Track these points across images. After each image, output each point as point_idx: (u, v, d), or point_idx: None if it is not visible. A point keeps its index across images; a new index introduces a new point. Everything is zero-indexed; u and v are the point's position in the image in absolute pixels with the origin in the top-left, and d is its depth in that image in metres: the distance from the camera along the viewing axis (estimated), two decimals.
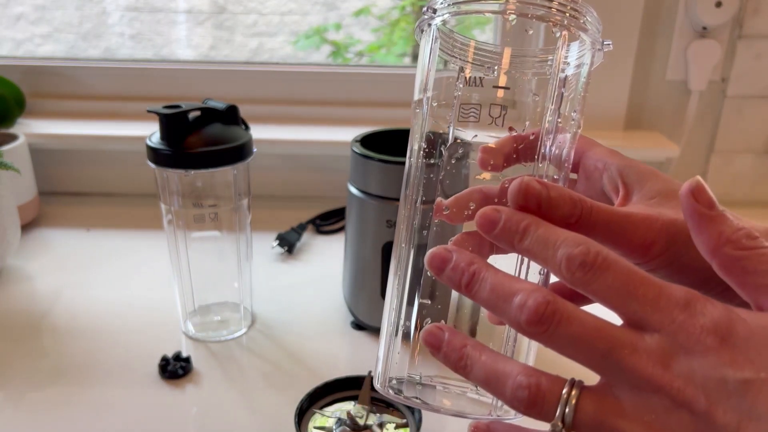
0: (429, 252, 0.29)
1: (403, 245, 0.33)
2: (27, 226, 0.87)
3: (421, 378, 0.33)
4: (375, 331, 0.65)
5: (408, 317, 0.33)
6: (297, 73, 1.01)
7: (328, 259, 0.81)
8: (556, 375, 0.26)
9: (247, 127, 0.62)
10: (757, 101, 0.94)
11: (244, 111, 0.62)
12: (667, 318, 0.24)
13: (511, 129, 0.32)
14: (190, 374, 0.58)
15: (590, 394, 0.26)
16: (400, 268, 0.33)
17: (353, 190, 0.62)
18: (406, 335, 0.33)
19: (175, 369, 0.57)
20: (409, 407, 0.50)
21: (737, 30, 0.90)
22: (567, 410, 0.25)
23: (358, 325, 0.66)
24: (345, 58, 1.20)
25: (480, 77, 0.31)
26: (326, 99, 1.01)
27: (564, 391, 0.26)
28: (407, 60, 1.22)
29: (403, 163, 0.59)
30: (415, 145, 0.33)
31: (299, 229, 0.86)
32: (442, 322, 0.31)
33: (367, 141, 0.64)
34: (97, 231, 0.88)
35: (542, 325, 0.25)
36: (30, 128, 0.94)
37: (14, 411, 0.53)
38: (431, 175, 0.33)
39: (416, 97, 0.33)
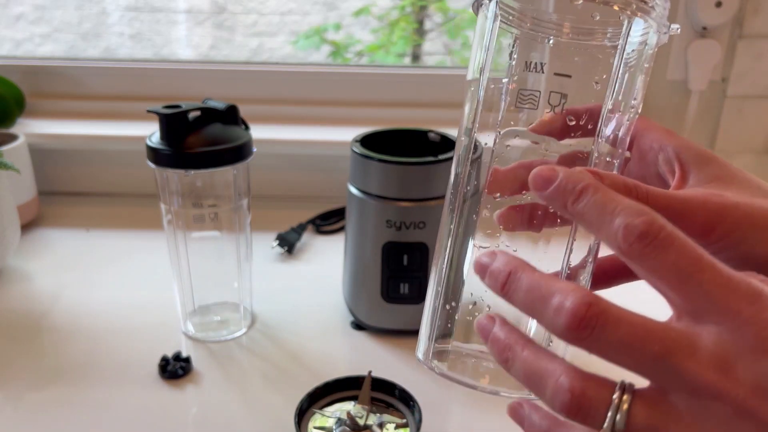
0: (476, 259, 0.28)
1: (451, 226, 0.32)
2: (27, 226, 0.87)
3: (458, 347, 0.32)
4: (375, 331, 0.65)
5: (453, 298, 0.33)
6: (297, 73, 1.01)
7: (328, 259, 0.80)
8: (603, 377, 0.24)
9: (247, 127, 0.62)
10: (757, 101, 0.94)
11: (244, 111, 0.61)
12: (732, 310, 0.22)
13: (568, 117, 0.31)
14: (190, 374, 0.58)
15: (643, 400, 0.23)
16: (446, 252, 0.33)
17: (353, 190, 0.62)
18: (449, 315, 0.33)
19: (175, 369, 0.57)
20: (409, 407, 0.50)
21: (737, 30, 0.90)
22: (618, 418, 0.23)
23: (358, 325, 0.66)
24: (345, 58, 1.20)
25: (541, 63, 0.30)
26: (326, 99, 1.01)
27: (614, 396, 0.23)
28: (407, 60, 1.22)
29: (403, 164, 0.60)
30: (466, 129, 0.32)
31: (299, 229, 0.86)
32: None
33: (367, 141, 0.64)
34: (97, 231, 0.88)
35: (584, 329, 0.23)
36: (30, 128, 0.94)
37: (14, 411, 0.53)
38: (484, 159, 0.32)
39: (470, 76, 0.32)
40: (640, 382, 0.24)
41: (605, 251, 0.30)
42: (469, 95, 0.32)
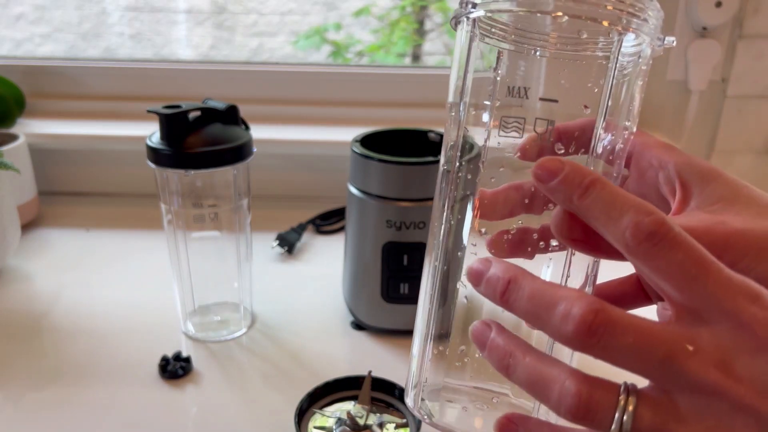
0: (469, 266, 0.28)
1: (436, 264, 0.32)
2: (27, 226, 0.87)
3: (449, 384, 0.31)
4: (375, 331, 0.65)
5: (442, 341, 0.32)
6: (297, 73, 1.01)
7: (328, 259, 0.80)
8: (606, 380, 0.24)
9: (247, 127, 0.62)
10: (757, 101, 0.94)
11: (244, 111, 0.61)
12: (734, 309, 0.22)
13: (557, 145, 0.29)
14: (190, 374, 0.58)
15: (647, 400, 0.24)
16: (432, 289, 0.32)
17: (353, 190, 0.62)
18: (439, 354, 0.32)
19: (175, 369, 0.57)
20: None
21: (737, 30, 0.90)
22: (625, 419, 0.23)
23: (358, 325, 0.66)
24: (345, 58, 1.20)
25: (525, 88, 0.29)
26: (326, 99, 1.01)
27: (620, 398, 0.24)
28: (407, 60, 1.22)
29: (403, 164, 0.60)
30: (450, 150, 0.31)
31: (299, 229, 0.86)
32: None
33: (367, 141, 0.64)
34: (97, 231, 0.88)
35: (592, 336, 0.23)
36: (30, 128, 0.94)
37: (14, 411, 0.53)
38: (467, 191, 0.31)
39: (451, 99, 0.31)
40: (641, 382, 0.24)
41: (602, 277, 0.30)
42: (451, 119, 0.31)
